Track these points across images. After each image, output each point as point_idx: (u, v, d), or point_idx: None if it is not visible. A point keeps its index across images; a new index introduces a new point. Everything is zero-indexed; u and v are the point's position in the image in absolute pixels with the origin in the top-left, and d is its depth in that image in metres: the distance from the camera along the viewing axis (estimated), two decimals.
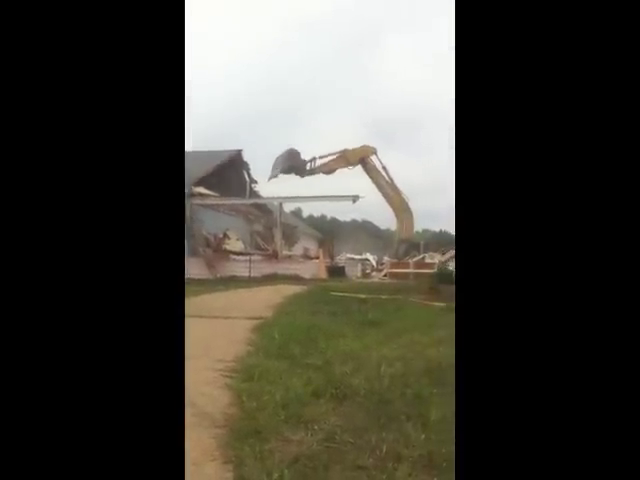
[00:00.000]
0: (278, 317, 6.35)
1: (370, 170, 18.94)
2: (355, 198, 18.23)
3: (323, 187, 20.86)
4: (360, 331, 5.29)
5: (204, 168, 18.59)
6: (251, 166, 21.67)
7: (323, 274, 18.31)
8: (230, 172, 20.39)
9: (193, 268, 16.86)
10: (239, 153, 21.11)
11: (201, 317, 6.44)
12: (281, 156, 18.81)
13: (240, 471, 1.90)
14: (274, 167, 18.96)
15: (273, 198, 19.49)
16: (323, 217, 45.01)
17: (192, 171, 17.91)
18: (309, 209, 40.51)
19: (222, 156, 20.31)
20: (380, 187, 18.88)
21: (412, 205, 19.54)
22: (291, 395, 2.79)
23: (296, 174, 18.82)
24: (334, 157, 18.98)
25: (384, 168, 18.89)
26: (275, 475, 1.84)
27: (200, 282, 13.46)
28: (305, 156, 19.01)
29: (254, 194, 21.45)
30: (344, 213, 50.14)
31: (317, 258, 20.64)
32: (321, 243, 27.20)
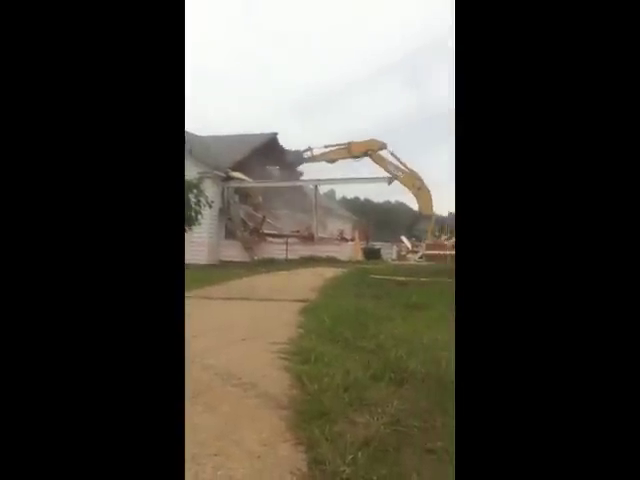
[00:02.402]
0: (323, 300, 6.40)
1: (377, 160, 18.74)
2: (390, 180, 18.12)
3: (352, 171, 20.90)
4: (407, 314, 5.29)
5: (240, 152, 18.70)
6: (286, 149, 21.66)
7: (359, 256, 18.31)
8: (265, 156, 20.45)
9: (231, 250, 17.14)
10: (274, 137, 21.11)
11: (248, 299, 6.57)
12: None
13: (313, 453, 1.94)
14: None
15: (309, 181, 19.47)
16: (356, 199, 44.75)
17: (229, 155, 18.09)
18: (342, 191, 40.29)
19: (258, 140, 20.37)
20: (389, 172, 18.61)
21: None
22: (351, 378, 2.82)
23: (293, 167, 19.19)
24: (338, 148, 18.98)
25: (392, 154, 18.60)
26: (349, 457, 1.88)
27: (240, 265, 13.65)
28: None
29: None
30: (377, 195, 49.81)
31: (352, 240, 20.63)
32: (356, 225, 27.17)
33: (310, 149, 19.37)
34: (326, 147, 19.19)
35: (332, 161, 19.18)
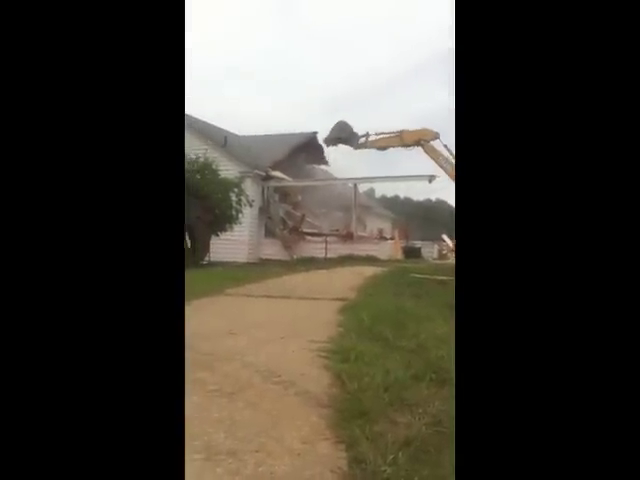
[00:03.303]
0: (363, 299, 6.37)
1: (429, 151, 18.12)
2: (431, 178, 17.80)
3: (395, 168, 20.58)
4: (447, 314, 5.20)
5: (281, 151, 18.82)
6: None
7: (399, 255, 18.18)
8: (306, 155, 20.51)
9: (270, 249, 17.30)
10: (314, 136, 21.15)
11: (287, 298, 6.61)
12: (332, 128, 18.52)
13: (354, 452, 1.93)
14: (326, 139, 18.75)
15: (348, 179, 19.41)
16: (396, 197, 44.26)
17: (269, 154, 18.24)
18: (382, 189, 39.93)
19: (297, 139, 20.44)
20: (441, 166, 18.03)
21: None
22: (391, 378, 2.80)
23: (346, 144, 18.50)
24: (390, 135, 18.41)
25: (446, 146, 17.87)
26: (390, 457, 1.86)
27: (280, 263, 13.76)
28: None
29: (329, 176, 21.50)
30: (418, 193, 49.20)
31: (392, 239, 20.49)
32: (396, 223, 26.98)
33: (367, 135, 18.81)
34: (377, 134, 18.73)
35: (383, 148, 18.62)
